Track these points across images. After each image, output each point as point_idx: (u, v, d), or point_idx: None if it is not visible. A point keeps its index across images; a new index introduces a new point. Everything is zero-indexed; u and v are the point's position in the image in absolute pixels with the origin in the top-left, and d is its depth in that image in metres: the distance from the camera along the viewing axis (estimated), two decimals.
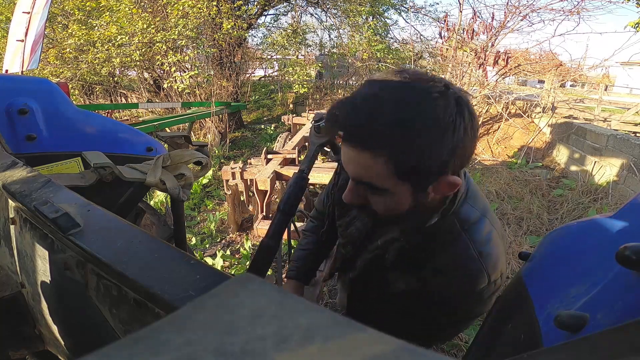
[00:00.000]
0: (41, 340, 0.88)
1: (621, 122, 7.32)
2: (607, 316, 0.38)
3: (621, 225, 0.52)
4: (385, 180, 0.58)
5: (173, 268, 0.49)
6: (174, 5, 6.40)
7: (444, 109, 0.54)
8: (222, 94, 7.39)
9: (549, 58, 7.53)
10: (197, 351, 0.14)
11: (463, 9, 6.89)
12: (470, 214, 0.69)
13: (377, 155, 0.55)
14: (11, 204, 0.74)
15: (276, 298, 0.18)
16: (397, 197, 0.62)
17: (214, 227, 3.62)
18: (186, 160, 0.98)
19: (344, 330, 0.16)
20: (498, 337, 0.61)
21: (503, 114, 6.76)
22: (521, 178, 4.98)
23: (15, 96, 1.19)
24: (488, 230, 0.70)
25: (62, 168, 1.26)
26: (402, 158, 0.55)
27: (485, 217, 0.71)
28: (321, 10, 9.12)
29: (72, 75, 7.06)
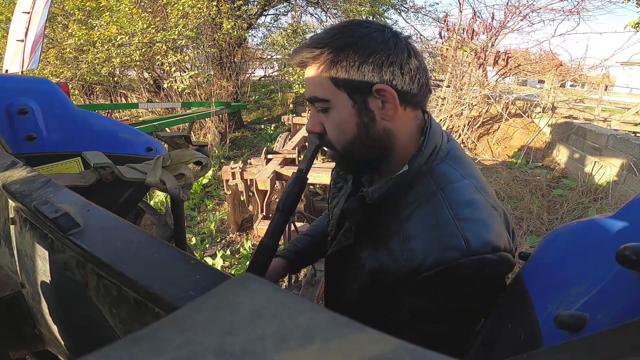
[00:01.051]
0: (41, 340, 0.88)
1: (621, 122, 7.32)
2: (607, 316, 0.38)
3: (621, 225, 0.52)
4: (325, 89, 0.64)
5: (173, 268, 0.49)
6: (174, 5, 6.40)
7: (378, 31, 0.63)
8: (222, 94, 7.39)
9: (549, 58, 7.53)
10: (197, 351, 0.15)
11: (463, 9, 6.89)
12: (449, 173, 0.65)
13: (316, 63, 0.64)
14: (11, 204, 0.74)
15: (276, 298, 0.18)
16: (341, 111, 0.65)
17: (214, 227, 3.62)
18: (186, 160, 0.98)
19: (344, 330, 0.16)
20: (498, 337, 0.61)
21: (503, 114, 6.76)
22: (521, 178, 4.98)
23: (15, 96, 1.19)
24: (471, 193, 0.63)
25: (62, 168, 1.26)
26: (334, 63, 0.62)
27: (467, 179, 0.65)
28: (321, 10, 9.13)
29: (72, 75, 7.06)
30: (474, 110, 6.97)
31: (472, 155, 6.54)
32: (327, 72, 0.63)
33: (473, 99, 6.72)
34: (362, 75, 0.62)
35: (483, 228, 0.60)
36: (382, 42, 0.62)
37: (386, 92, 0.63)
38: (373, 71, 0.62)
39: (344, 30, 0.63)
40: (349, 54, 0.62)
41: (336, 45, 0.62)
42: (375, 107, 0.64)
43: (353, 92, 0.63)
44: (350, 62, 0.62)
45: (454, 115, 6.68)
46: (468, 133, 6.76)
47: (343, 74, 0.62)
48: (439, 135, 0.70)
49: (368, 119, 0.65)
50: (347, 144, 0.67)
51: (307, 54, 0.65)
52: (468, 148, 6.77)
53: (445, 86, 7.00)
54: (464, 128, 6.73)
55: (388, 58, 0.62)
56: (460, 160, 0.69)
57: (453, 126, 6.80)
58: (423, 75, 0.66)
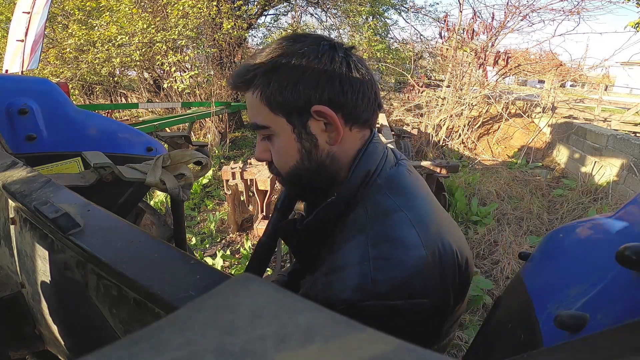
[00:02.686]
0: (41, 340, 0.88)
1: (621, 122, 7.32)
2: (607, 316, 0.38)
3: (621, 225, 0.52)
4: (264, 116, 0.60)
5: (173, 268, 0.49)
6: (174, 5, 6.40)
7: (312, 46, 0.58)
8: (222, 94, 7.39)
9: (549, 58, 7.54)
10: (197, 351, 0.15)
11: (463, 9, 6.90)
12: (385, 204, 0.58)
13: (251, 89, 0.59)
14: (11, 204, 0.74)
15: (276, 298, 0.18)
16: (282, 137, 0.60)
17: (214, 227, 3.62)
18: (186, 160, 0.98)
19: (344, 330, 0.16)
20: (498, 337, 0.61)
21: (503, 114, 6.76)
22: (521, 178, 4.98)
23: (15, 96, 1.19)
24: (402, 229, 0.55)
25: (62, 168, 1.26)
26: (268, 88, 0.57)
27: (403, 212, 0.56)
28: (321, 10, 9.12)
29: (72, 75, 7.06)
30: (474, 110, 6.97)
31: (472, 155, 6.55)
32: (262, 97, 0.58)
33: (473, 99, 6.72)
34: (297, 97, 0.57)
35: (399, 270, 0.52)
36: (316, 57, 0.56)
37: (326, 114, 0.57)
38: (309, 91, 0.56)
39: (275, 48, 0.58)
40: (281, 74, 0.56)
41: (268, 67, 0.57)
42: (318, 131, 0.59)
43: (291, 115, 0.58)
44: (283, 83, 0.56)
45: (454, 115, 6.68)
46: (468, 133, 6.76)
47: (278, 97, 0.57)
48: (375, 159, 0.62)
49: (310, 144, 0.60)
50: (290, 171, 0.63)
51: (240, 80, 0.60)
52: (468, 148, 6.77)
53: (445, 86, 7.00)
54: (464, 128, 6.73)
55: (324, 74, 0.56)
56: (403, 188, 0.61)
57: (453, 126, 6.80)
58: (369, 89, 0.60)
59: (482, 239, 3.23)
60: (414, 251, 0.54)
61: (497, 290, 2.59)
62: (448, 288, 0.57)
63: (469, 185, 4.52)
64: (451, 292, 0.57)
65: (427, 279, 0.54)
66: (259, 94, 0.58)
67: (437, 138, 6.63)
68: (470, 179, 4.71)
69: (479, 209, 3.79)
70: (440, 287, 0.56)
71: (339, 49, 0.59)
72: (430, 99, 7.04)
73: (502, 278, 2.73)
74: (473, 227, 3.49)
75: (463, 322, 2.30)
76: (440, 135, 6.67)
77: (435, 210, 0.62)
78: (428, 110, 6.86)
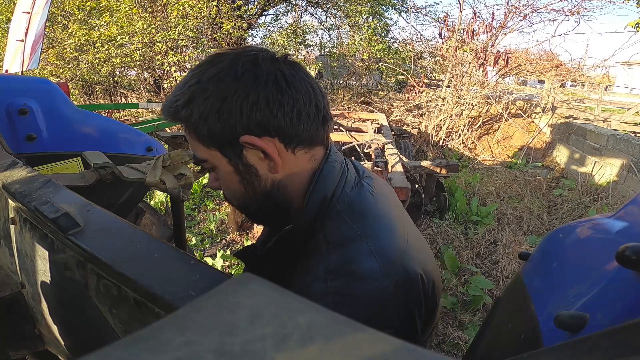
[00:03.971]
0: (41, 340, 0.88)
1: (621, 122, 7.32)
2: (607, 316, 0.38)
3: (621, 225, 0.52)
4: (199, 150, 0.55)
5: (173, 268, 0.49)
6: (174, 5, 6.40)
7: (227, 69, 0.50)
8: None
9: (549, 58, 7.53)
10: (197, 351, 0.15)
11: (463, 9, 6.90)
12: (344, 232, 0.54)
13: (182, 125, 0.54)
14: (11, 204, 0.74)
15: (276, 298, 0.18)
16: (221, 170, 0.56)
17: (214, 227, 3.62)
18: (186, 160, 0.98)
19: (344, 330, 0.16)
20: (498, 337, 0.61)
21: (503, 114, 6.76)
22: (521, 178, 4.98)
23: (15, 96, 1.19)
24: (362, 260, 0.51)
25: (62, 168, 1.26)
26: (192, 122, 0.52)
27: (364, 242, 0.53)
28: (321, 10, 9.13)
29: (72, 75, 7.06)
30: (474, 110, 6.97)
31: (472, 155, 6.55)
32: (190, 131, 0.53)
33: (473, 99, 6.72)
34: (221, 128, 0.50)
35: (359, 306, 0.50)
36: (235, 79, 0.49)
37: (255, 144, 0.51)
38: (233, 119, 0.50)
39: (193, 75, 0.52)
40: (199, 104, 0.50)
41: (186, 99, 0.51)
42: (256, 159, 0.54)
43: (222, 147, 0.53)
44: (203, 114, 0.50)
45: (454, 115, 6.68)
46: (468, 133, 6.76)
47: (202, 130, 0.51)
48: (332, 182, 0.57)
49: (250, 175, 0.55)
50: (239, 202, 0.59)
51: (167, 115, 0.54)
52: (468, 148, 6.78)
53: (445, 86, 7.00)
54: (464, 128, 6.73)
55: (246, 98, 0.49)
56: (364, 213, 0.56)
57: (453, 126, 6.80)
58: (308, 103, 0.53)
59: (482, 239, 3.23)
60: (375, 283, 0.50)
61: (497, 290, 2.59)
62: (414, 317, 0.54)
63: (469, 185, 4.52)
64: (418, 321, 0.55)
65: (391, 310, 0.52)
66: (187, 129, 0.53)
67: (437, 138, 6.63)
68: (470, 179, 4.71)
69: (479, 209, 3.79)
70: (406, 318, 0.53)
71: (264, 63, 0.51)
72: (430, 99, 7.04)
73: (502, 278, 2.73)
74: (473, 227, 3.49)
75: (463, 322, 2.31)
76: (440, 135, 6.67)
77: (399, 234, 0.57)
78: (428, 110, 6.86)
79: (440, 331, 2.19)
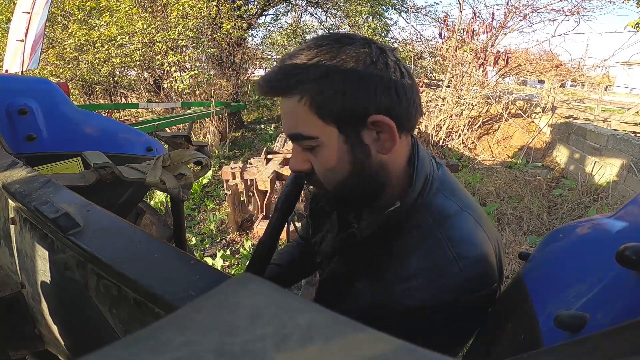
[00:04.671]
0: (41, 340, 0.88)
1: (621, 122, 7.31)
2: (607, 316, 0.38)
3: (621, 225, 0.52)
4: (311, 126, 0.55)
5: (173, 268, 0.49)
6: (174, 5, 6.40)
7: (362, 50, 0.53)
8: (222, 94, 7.39)
9: (549, 58, 7.53)
10: (197, 351, 0.15)
11: (463, 9, 6.89)
12: (446, 205, 0.60)
13: (296, 96, 0.54)
14: (11, 204, 0.74)
15: (276, 298, 0.18)
16: (331, 149, 0.56)
17: (214, 227, 3.62)
18: (186, 160, 0.98)
19: (344, 330, 0.16)
20: (498, 337, 0.61)
21: (503, 114, 6.76)
22: (521, 178, 4.98)
23: (15, 96, 1.19)
24: (470, 227, 0.59)
25: (62, 168, 1.26)
26: (320, 96, 0.52)
27: (466, 212, 0.61)
28: (321, 10, 9.12)
29: (72, 75, 7.06)
30: (474, 110, 6.97)
31: (472, 155, 6.55)
32: (311, 105, 0.53)
33: (473, 99, 6.72)
34: (353, 106, 0.53)
35: (482, 266, 0.58)
36: (372, 62, 0.52)
37: (383, 123, 0.54)
38: (366, 99, 0.52)
39: (323, 51, 0.52)
40: (334, 81, 0.51)
41: (318, 72, 0.51)
42: (370, 140, 0.56)
43: (344, 125, 0.54)
44: (339, 90, 0.52)
45: (454, 115, 6.68)
46: (468, 133, 6.76)
47: (331, 106, 0.53)
48: (428, 162, 0.63)
49: (363, 154, 0.56)
50: (338, 184, 0.59)
51: (282, 84, 0.54)
52: (468, 148, 6.77)
53: (445, 86, 7.00)
54: (464, 128, 6.73)
55: (381, 81, 0.52)
56: (455, 189, 0.64)
57: (453, 126, 6.80)
58: (417, 95, 0.58)
59: None
60: (485, 247, 0.59)
61: None
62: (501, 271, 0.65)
63: (469, 185, 4.52)
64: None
65: (496, 269, 0.61)
66: (307, 102, 0.53)
67: (437, 138, 6.63)
68: (470, 179, 4.71)
69: None
70: (500, 272, 0.63)
71: (389, 53, 0.55)
72: (430, 99, 7.04)
73: None
74: None
75: None
76: (440, 135, 6.67)
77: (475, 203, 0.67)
78: (428, 110, 6.86)
79: None
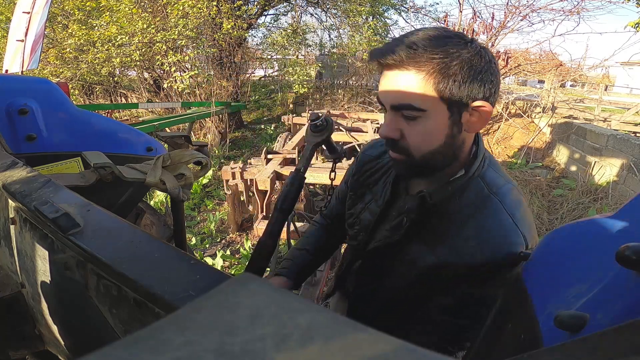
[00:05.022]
0: (41, 340, 0.88)
1: (621, 122, 7.31)
2: (607, 316, 0.38)
3: (621, 225, 0.52)
4: (426, 99, 0.63)
5: (173, 268, 0.49)
6: (174, 5, 6.40)
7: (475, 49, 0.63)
8: (222, 94, 7.39)
9: (549, 58, 7.54)
10: (197, 351, 0.14)
11: (463, 9, 6.89)
12: (497, 178, 0.73)
13: (420, 72, 0.62)
14: (11, 204, 0.74)
15: (276, 298, 0.18)
16: (434, 122, 0.65)
17: (214, 227, 3.62)
18: (186, 160, 0.98)
19: (344, 330, 0.16)
20: (498, 337, 0.61)
21: (503, 114, 6.76)
22: (521, 178, 4.98)
23: (15, 96, 1.19)
24: (516, 196, 0.72)
25: (62, 168, 1.26)
26: (445, 76, 0.61)
27: (512, 184, 0.74)
28: (321, 10, 9.12)
29: (72, 75, 7.06)
30: None
31: None
32: (434, 83, 0.62)
33: None
34: (469, 92, 0.63)
35: (532, 228, 0.71)
36: (487, 61, 0.64)
37: (484, 109, 0.66)
38: (479, 89, 0.64)
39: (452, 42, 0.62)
40: (461, 69, 0.61)
41: (448, 58, 0.61)
42: (465, 120, 0.67)
43: (453, 105, 0.64)
44: (462, 77, 0.62)
45: None
46: None
47: (451, 88, 0.62)
48: (483, 144, 0.76)
49: (457, 131, 0.67)
50: (428, 153, 0.68)
51: (409, 57, 0.61)
52: None
53: None
54: None
55: (490, 77, 0.64)
56: (499, 167, 0.77)
57: None
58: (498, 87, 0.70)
59: None
60: (530, 211, 0.73)
61: None
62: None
63: None
64: None
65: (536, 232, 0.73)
66: (432, 80, 0.62)
67: None
68: None
69: None
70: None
71: (487, 50, 0.65)
72: None
73: None
74: None
75: None
76: None
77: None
78: None
79: None
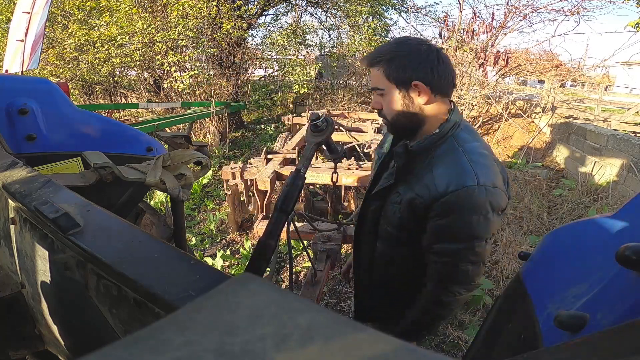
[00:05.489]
0: (41, 340, 0.88)
1: (621, 122, 7.31)
2: (607, 316, 0.38)
3: (621, 225, 0.52)
4: (383, 82, 0.98)
5: (173, 268, 0.49)
6: (174, 5, 6.40)
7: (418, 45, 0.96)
8: (222, 94, 7.39)
9: (549, 58, 7.53)
10: (197, 351, 0.14)
11: (463, 9, 6.89)
12: (465, 137, 0.99)
13: (378, 68, 0.98)
14: (11, 204, 0.74)
15: (276, 298, 0.18)
16: (392, 96, 0.98)
17: (214, 227, 3.62)
18: (186, 160, 0.98)
19: (344, 330, 0.16)
20: (498, 337, 0.61)
21: (503, 114, 6.76)
22: (521, 178, 4.98)
23: (15, 96, 1.19)
24: (481, 150, 0.96)
25: (62, 168, 1.26)
26: (389, 68, 0.96)
27: (479, 142, 0.99)
28: (321, 10, 9.12)
29: (72, 75, 7.05)
30: (474, 110, 6.97)
31: None
32: (385, 72, 0.97)
33: (473, 99, 6.72)
34: (405, 74, 0.95)
35: (488, 170, 0.93)
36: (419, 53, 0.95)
37: (420, 85, 0.95)
38: (412, 73, 0.94)
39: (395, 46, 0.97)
40: (398, 60, 0.95)
41: (390, 56, 0.96)
42: (415, 95, 0.97)
43: (399, 84, 0.96)
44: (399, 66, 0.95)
45: None
46: None
47: (394, 74, 0.96)
48: (459, 116, 1.02)
49: (408, 101, 0.98)
50: (395, 116, 1.00)
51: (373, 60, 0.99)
52: None
53: None
54: None
55: (422, 63, 0.94)
56: (472, 132, 1.03)
57: None
58: (449, 74, 0.99)
59: None
60: (492, 162, 0.97)
61: (497, 290, 2.58)
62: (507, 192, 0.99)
63: None
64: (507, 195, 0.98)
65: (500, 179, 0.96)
66: (383, 70, 0.97)
67: None
68: None
69: None
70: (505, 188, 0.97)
71: (433, 48, 0.97)
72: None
73: (502, 278, 2.73)
74: None
75: (463, 322, 2.30)
76: None
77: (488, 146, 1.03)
78: None
79: (440, 331, 2.19)
